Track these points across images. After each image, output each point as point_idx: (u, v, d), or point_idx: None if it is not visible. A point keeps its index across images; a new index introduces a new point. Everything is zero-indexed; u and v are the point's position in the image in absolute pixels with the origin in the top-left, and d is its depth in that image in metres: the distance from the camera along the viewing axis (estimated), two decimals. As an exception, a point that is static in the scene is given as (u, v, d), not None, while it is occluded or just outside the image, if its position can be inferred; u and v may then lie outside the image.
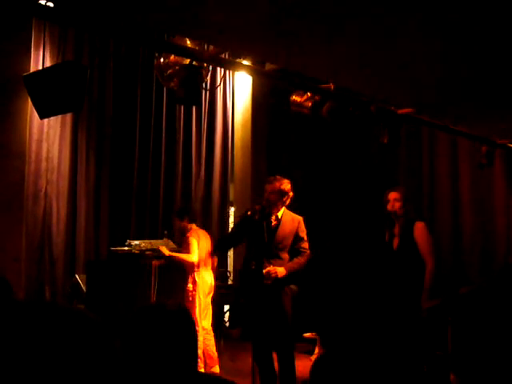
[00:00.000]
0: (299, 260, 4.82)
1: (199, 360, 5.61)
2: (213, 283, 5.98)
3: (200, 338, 5.65)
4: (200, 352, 5.66)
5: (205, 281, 5.84)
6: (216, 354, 5.93)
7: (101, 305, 5.32)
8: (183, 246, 5.88)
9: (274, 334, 4.80)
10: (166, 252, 5.61)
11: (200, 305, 5.78)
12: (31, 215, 6.60)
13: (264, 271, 4.65)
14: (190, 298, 5.75)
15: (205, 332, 5.86)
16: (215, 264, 6.21)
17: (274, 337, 4.81)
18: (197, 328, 5.88)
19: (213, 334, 5.99)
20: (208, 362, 5.85)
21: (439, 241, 6.46)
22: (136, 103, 7.73)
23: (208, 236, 6.09)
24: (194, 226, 5.97)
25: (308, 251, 4.87)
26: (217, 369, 5.86)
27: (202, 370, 5.56)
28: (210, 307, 5.96)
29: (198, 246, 5.77)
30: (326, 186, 8.02)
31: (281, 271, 4.68)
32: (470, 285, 5.88)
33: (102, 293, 5.36)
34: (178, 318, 1.85)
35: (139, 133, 7.75)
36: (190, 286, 5.74)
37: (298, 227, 4.86)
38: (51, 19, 6.18)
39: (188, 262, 5.69)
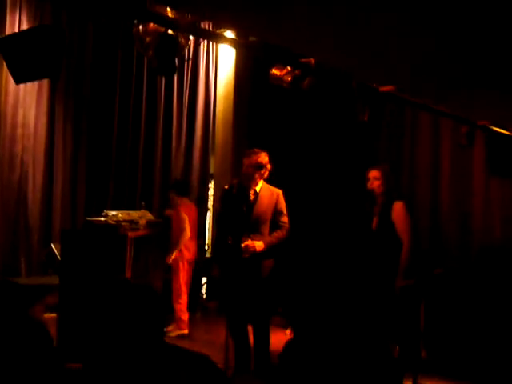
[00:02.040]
0: (278, 234, 4.80)
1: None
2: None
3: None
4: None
5: (191, 251, 6.36)
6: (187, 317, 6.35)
7: (75, 275, 5.27)
8: (174, 219, 6.31)
9: (251, 308, 4.81)
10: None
11: (184, 274, 6.28)
12: (7, 182, 6.51)
13: (242, 245, 4.64)
14: (176, 268, 6.25)
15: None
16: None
17: (251, 310, 4.82)
18: (182, 297, 6.06)
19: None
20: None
21: (418, 218, 6.49)
22: (116, 71, 7.59)
23: (194, 208, 6.57)
24: (185, 200, 6.19)
25: (287, 225, 4.85)
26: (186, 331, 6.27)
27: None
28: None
29: (190, 220, 6.25)
30: (305, 161, 7.98)
31: (259, 245, 4.67)
32: (446, 264, 5.95)
33: (77, 263, 5.29)
34: (142, 292, 1.85)
35: (119, 101, 7.63)
36: (172, 257, 6.21)
37: (276, 200, 4.84)
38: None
39: (185, 238, 6.19)
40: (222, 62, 8.18)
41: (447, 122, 6.71)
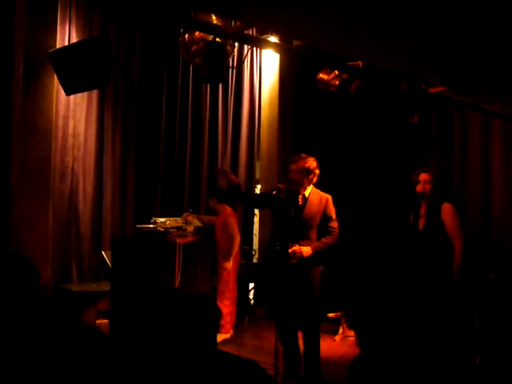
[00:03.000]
0: (327, 240, 4.75)
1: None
2: None
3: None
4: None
5: (237, 256, 6.45)
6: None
7: (126, 281, 5.36)
8: (218, 226, 6.38)
9: (301, 314, 4.78)
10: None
11: (232, 279, 6.36)
12: (58, 192, 6.64)
13: (290, 251, 4.61)
14: (231, 276, 6.31)
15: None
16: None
17: (300, 316, 4.79)
18: (232, 300, 6.10)
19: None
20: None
21: (469, 221, 6.35)
22: (162, 80, 7.69)
23: (234, 214, 6.58)
24: (226, 206, 6.25)
25: (336, 230, 4.79)
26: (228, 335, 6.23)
27: None
28: None
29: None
30: (353, 166, 7.91)
31: (306, 250, 4.63)
32: (500, 268, 5.78)
33: (127, 269, 5.38)
34: (196, 302, 1.85)
35: (165, 110, 7.72)
36: (230, 264, 6.27)
37: (325, 206, 4.79)
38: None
39: (237, 245, 6.29)
40: (267, 68, 8.19)
41: (498, 122, 6.55)
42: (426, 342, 2.10)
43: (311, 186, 4.81)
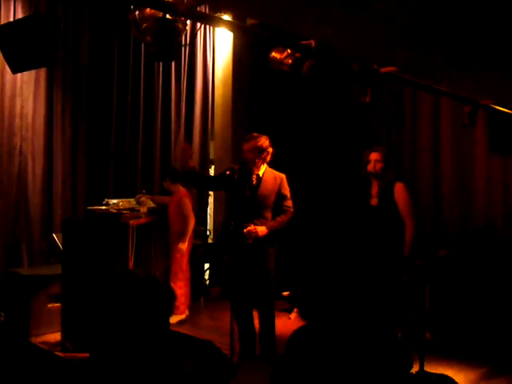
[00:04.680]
0: (281, 218, 4.77)
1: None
2: None
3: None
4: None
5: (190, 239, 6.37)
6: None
7: (78, 264, 5.27)
8: (172, 206, 6.28)
9: (256, 293, 4.80)
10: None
11: (186, 260, 6.30)
12: (6, 174, 6.46)
13: (245, 230, 4.62)
14: (185, 257, 6.23)
15: None
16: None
17: (256, 295, 4.81)
18: (185, 282, 6.08)
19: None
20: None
21: (419, 200, 6.48)
22: (113, 58, 7.52)
23: (188, 194, 6.45)
24: (180, 186, 6.19)
25: (291, 209, 4.82)
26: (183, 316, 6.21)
27: None
28: None
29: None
30: (307, 145, 7.96)
31: (261, 230, 4.65)
32: (448, 246, 5.94)
33: (79, 252, 5.29)
34: (148, 284, 1.84)
35: (117, 89, 7.57)
36: (185, 245, 6.20)
37: (280, 185, 4.80)
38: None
39: (191, 225, 6.21)
40: (220, 46, 8.11)
41: (447, 102, 6.68)
42: (372, 317, 2.17)
43: (265, 165, 4.81)
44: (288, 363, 2.14)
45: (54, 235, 6.40)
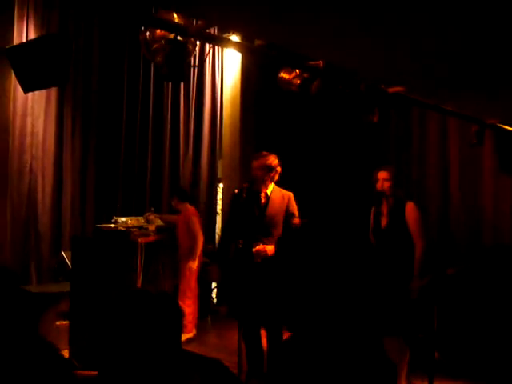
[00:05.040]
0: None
1: None
2: None
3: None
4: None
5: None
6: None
7: (86, 282, 5.28)
8: (180, 225, 6.32)
9: (265, 312, 4.79)
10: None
11: (194, 278, 6.34)
12: (16, 191, 6.51)
13: (253, 250, 4.62)
14: (193, 276, 6.27)
15: None
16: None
17: (264, 314, 4.80)
18: (193, 300, 6.06)
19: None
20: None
21: (427, 218, 6.47)
22: (123, 78, 7.61)
23: (196, 213, 6.54)
24: (188, 205, 6.21)
25: (299, 227, 4.82)
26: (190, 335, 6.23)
27: None
28: None
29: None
30: (315, 164, 7.98)
31: (270, 249, 4.65)
32: (457, 264, 5.91)
33: (88, 269, 5.31)
34: (160, 302, 1.85)
35: (126, 108, 7.64)
36: (196, 263, 6.25)
37: (288, 203, 4.81)
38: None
39: (200, 244, 6.27)
40: (228, 66, 8.19)
41: (454, 121, 6.70)
42: (359, 331, 2.18)
43: (273, 184, 4.83)
44: (277, 375, 2.14)
45: (62, 253, 6.44)
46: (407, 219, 4.84)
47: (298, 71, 4.07)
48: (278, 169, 4.80)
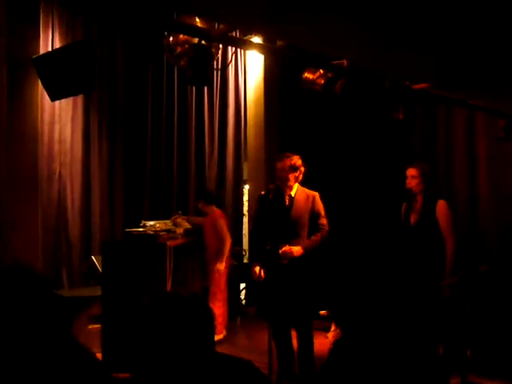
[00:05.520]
0: (316, 237, 4.76)
1: None
2: None
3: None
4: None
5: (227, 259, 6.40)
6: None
7: (117, 286, 5.35)
8: (207, 227, 6.33)
9: (294, 313, 4.80)
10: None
11: (224, 280, 6.35)
12: (46, 198, 6.61)
13: (280, 251, 4.62)
14: (222, 277, 6.28)
15: None
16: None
17: (294, 315, 4.81)
18: (223, 302, 6.09)
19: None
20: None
21: (456, 216, 6.39)
22: (147, 83, 7.68)
23: (222, 214, 6.56)
24: (214, 207, 6.25)
25: (326, 227, 4.81)
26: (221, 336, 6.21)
27: None
28: None
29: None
30: (340, 164, 7.95)
31: (297, 250, 4.65)
32: (488, 261, 5.83)
33: (118, 274, 5.37)
34: (193, 305, 1.87)
35: (151, 113, 7.71)
36: (223, 265, 6.25)
37: (312, 203, 4.81)
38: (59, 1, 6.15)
39: (228, 245, 6.26)
40: (251, 68, 8.21)
41: (481, 117, 6.61)
42: (411, 332, 2.16)
43: (297, 184, 4.83)
44: (329, 376, 2.14)
45: (92, 257, 6.52)
46: (438, 217, 4.79)
47: (321, 71, 4.06)
48: (302, 169, 4.80)
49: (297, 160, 4.78)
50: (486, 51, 3.24)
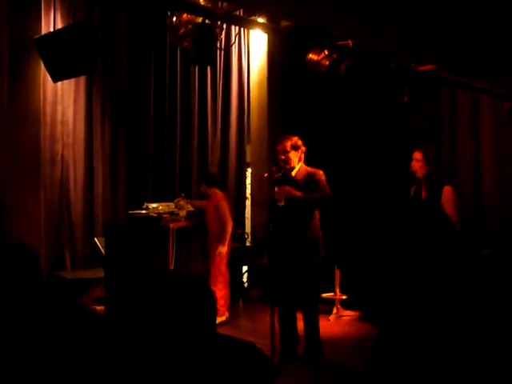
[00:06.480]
0: (317, 195, 4.74)
1: None
2: None
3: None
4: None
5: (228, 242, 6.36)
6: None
7: (120, 267, 5.36)
8: (209, 210, 6.26)
9: (300, 295, 4.83)
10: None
11: (225, 262, 6.30)
12: (49, 180, 6.60)
13: (276, 189, 4.70)
14: (224, 260, 6.23)
15: None
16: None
17: (300, 298, 4.84)
18: (225, 284, 6.11)
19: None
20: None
21: (460, 201, 6.37)
22: (150, 64, 7.62)
23: (225, 197, 6.50)
24: (217, 190, 6.20)
25: (329, 193, 4.78)
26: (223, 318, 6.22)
27: None
28: None
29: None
30: (344, 145, 7.91)
31: (297, 193, 4.68)
32: (491, 245, 5.82)
33: (121, 256, 5.39)
34: (197, 284, 1.86)
35: (154, 94, 7.67)
36: (225, 248, 6.19)
37: (312, 178, 4.80)
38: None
39: (230, 228, 6.20)
40: (255, 49, 8.15)
41: (486, 99, 6.56)
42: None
43: (301, 163, 4.84)
44: (374, 372, 2.05)
45: (95, 239, 6.53)
46: (443, 203, 4.76)
47: (326, 52, 4.01)
48: (303, 148, 4.85)
49: (297, 140, 4.83)
50: (491, 33, 3.20)
